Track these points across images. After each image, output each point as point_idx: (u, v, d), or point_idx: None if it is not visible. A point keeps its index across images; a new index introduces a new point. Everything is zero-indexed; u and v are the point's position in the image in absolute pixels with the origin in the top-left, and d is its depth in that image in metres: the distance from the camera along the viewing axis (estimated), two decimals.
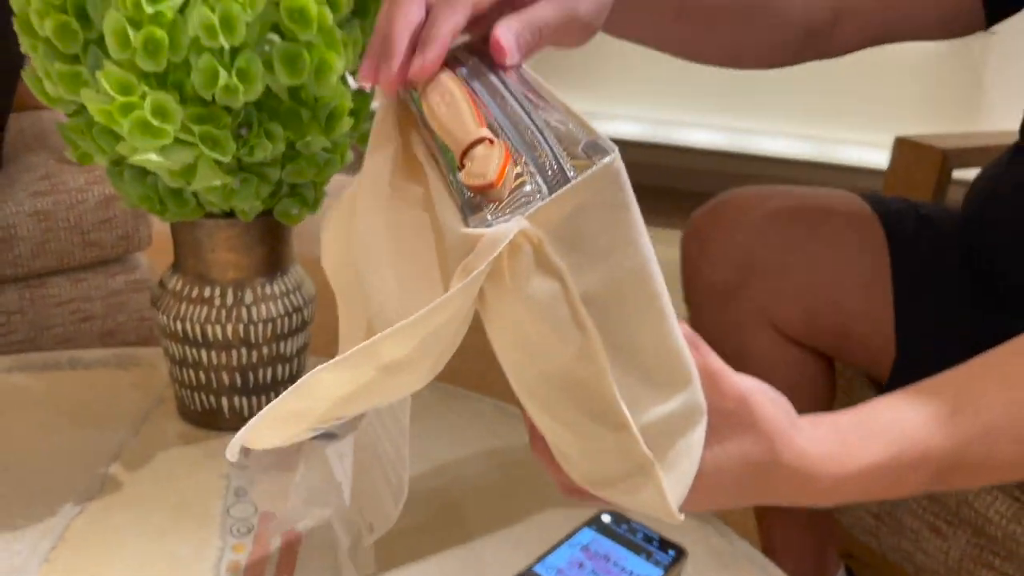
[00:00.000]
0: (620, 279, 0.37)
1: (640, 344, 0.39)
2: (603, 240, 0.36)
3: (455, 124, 0.38)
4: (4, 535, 0.59)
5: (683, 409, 0.41)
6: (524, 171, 0.36)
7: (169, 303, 0.69)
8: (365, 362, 0.35)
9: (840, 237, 0.84)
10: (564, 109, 0.39)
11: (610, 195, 0.36)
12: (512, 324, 0.37)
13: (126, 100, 0.52)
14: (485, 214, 0.35)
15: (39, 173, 1.25)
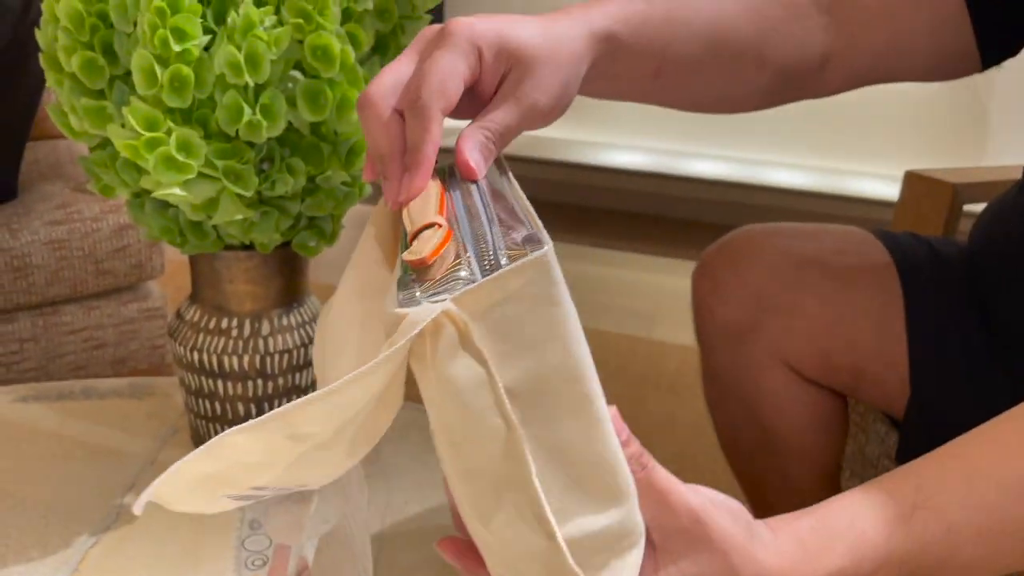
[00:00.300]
0: (547, 376, 0.36)
1: (570, 449, 0.37)
2: (530, 333, 0.36)
3: (418, 211, 0.41)
4: (18, 567, 0.59)
5: (618, 527, 0.39)
6: (463, 258, 0.36)
7: (186, 334, 0.69)
8: (277, 429, 0.35)
9: (853, 275, 0.84)
10: (520, 202, 0.40)
11: (540, 288, 0.35)
12: (438, 410, 0.37)
13: (152, 136, 0.53)
14: (415, 291, 0.36)
15: (55, 202, 1.26)
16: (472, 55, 0.46)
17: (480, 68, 0.47)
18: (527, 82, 0.47)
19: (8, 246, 1.18)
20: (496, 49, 0.47)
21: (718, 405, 0.93)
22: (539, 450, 0.37)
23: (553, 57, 0.48)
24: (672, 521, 0.41)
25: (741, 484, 0.96)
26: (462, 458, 0.37)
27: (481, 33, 0.46)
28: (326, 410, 0.35)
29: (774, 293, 0.83)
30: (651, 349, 2.02)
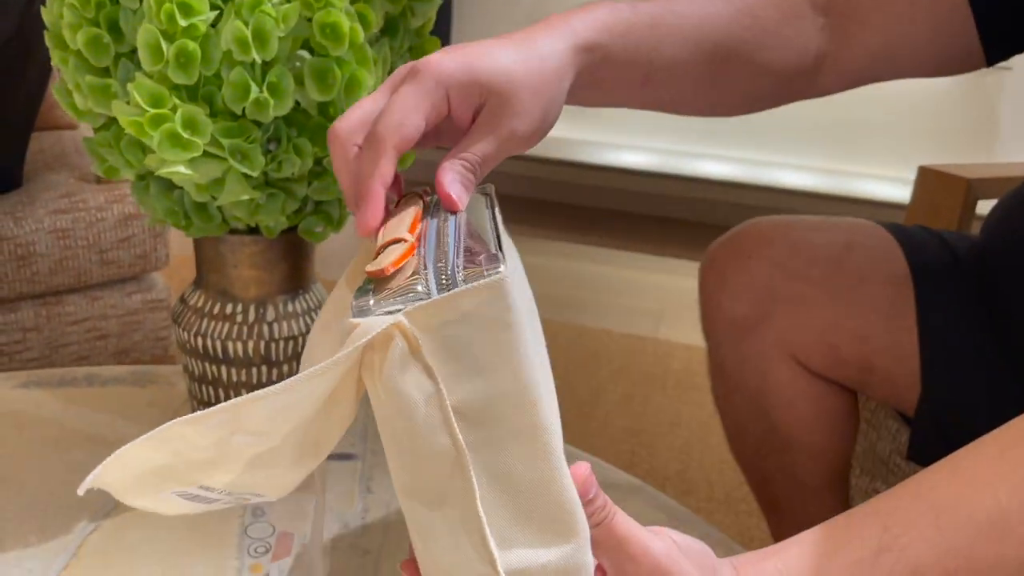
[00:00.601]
0: (495, 400, 0.36)
1: (516, 477, 0.36)
2: (481, 355, 0.35)
3: (391, 229, 0.41)
4: (16, 552, 0.58)
5: (562, 564, 0.38)
6: (421, 274, 0.36)
7: (190, 319, 0.68)
8: (223, 424, 0.35)
9: (863, 268, 0.82)
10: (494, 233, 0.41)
11: (494, 311, 0.35)
12: (385, 424, 0.36)
13: (157, 112, 0.52)
14: (369, 299, 0.36)
15: (59, 191, 1.25)
16: (437, 93, 0.46)
17: (448, 106, 0.47)
18: (504, 111, 0.47)
19: (12, 234, 1.18)
20: (464, 85, 0.46)
21: (725, 400, 0.92)
22: (485, 475, 0.36)
23: (530, 80, 0.48)
24: (633, 568, 0.40)
25: (749, 481, 0.95)
26: (408, 474, 0.37)
27: (449, 72, 0.46)
28: (273, 409, 0.35)
29: (782, 286, 0.82)
30: (656, 348, 2.01)
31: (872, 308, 0.81)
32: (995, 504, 0.41)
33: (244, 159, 0.55)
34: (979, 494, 0.41)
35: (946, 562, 0.41)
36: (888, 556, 0.41)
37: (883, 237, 0.84)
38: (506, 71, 0.47)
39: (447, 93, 0.46)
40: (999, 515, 0.40)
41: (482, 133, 0.47)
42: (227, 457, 0.36)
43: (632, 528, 0.40)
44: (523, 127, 0.48)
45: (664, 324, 2.16)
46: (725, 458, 1.57)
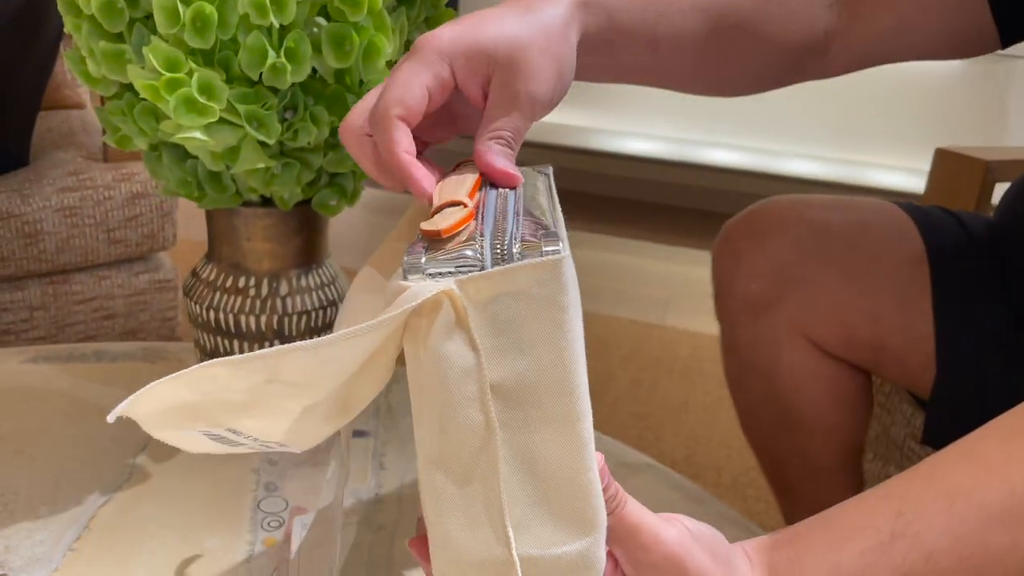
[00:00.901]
0: (535, 382, 0.35)
1: (545, 463, 0.36)
2: (529, 334, 0.35)
3: (449, 190, 0.41)
4: (27, 524, 0.58)
5: (579, 558, 0.37)
6: (476, 240, 0.35)
7: (202, 292, 0.67)
8: (259, 370, 0.34)
9: (879, 248, 0.81)
10: (553, 215, 0.40)
11: (548, 290, 0.34)
12: (421, 392, 0.36)
13: (173, 76, 0.51)
14: (420, 257, 0.35)
15: (67, 170, 1.25)
16: (438, 64, 0.45)
17: (454, 78, 0.46)
18: (517, 77, 0.46)
19: (19, 212, 1.17)
20: (467, 55, 0.46)
21: (738, 381, 0.91)
22: (513, 456, 0.36)
23: (536, 39, 0.47)
24: (644, 557, 0.40)
25: (761, 463, 0.94)
26: (435, 444, 0.36)
27: (449, 42, 0.45)
28: (312, 362, 0.34)
29: (797, 265, 0.81)
30: (664, 335, 2.00)
31: (887, 288, 0.80)
32: (1009, 490, 0.40)
33: (260, 126, 0.54)
34: (992, 480, 0.41)
35: (960, 549, 0.40)
36: (902, 543, 0.40)
37: (899, 217, 0.83)
38: (509, 35, 0.46)
39: (451, 65, 0.46)
40: (1013, 501, 0.40)
41: (501, 106, 0.46)
42: (258, 403, 0.36)
43: (644, 516, 0.40)
44: (540, 88, 0.46)
45: (671, 311, 2.16)
46: (732, 443, 1.57)
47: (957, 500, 0.41)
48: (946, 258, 0.80)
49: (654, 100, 2.81)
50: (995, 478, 0.41)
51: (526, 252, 0.34)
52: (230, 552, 0.56)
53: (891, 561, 0.40)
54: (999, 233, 0.80)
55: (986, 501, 0.40)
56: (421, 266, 0.35)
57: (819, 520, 0.43)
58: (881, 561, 0.40)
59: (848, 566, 0.41)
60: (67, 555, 0.55)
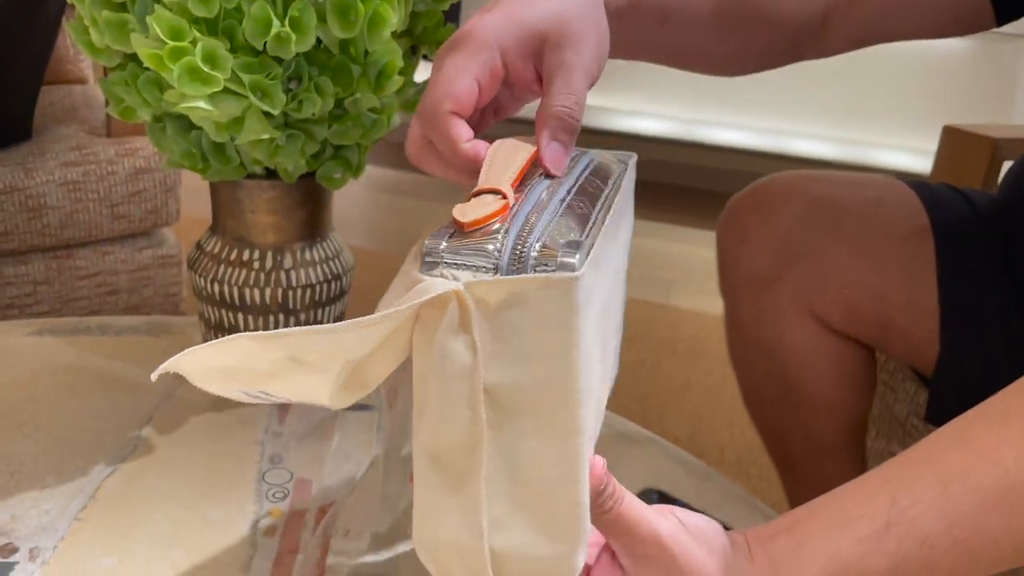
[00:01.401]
0: (532, 391, 0.35)
1: (531, 471, 0.36)
2: (530, 346, 0.34)
3: (498, 169, 0.40)
4: (33, 493, 0.58)
5: (554, 563, 0.38)
6: (501, 235, 0.35)
7: (207, 265, 0.67)
8: (279, 347, 0.35)
9: (884, 224, 0.81)
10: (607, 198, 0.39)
11: (557, 307, 0.34)
12: (422, 379, 0.36)
13: (177, 45, 0.51)
14: (440, 242, 0.35)
15: (70, 144, 1.24)
16: (486, 52, 0.45)
17: (503, 65, 0.46)
18: (567, 44, 0.46)
19: (23, 185, 1.17)
20: (518, 38, 0.45)
21: (742, 358, 0.91)
22: (500, 457, 0.36)
23: (576, 12, 0.47)
24: (641, 550, 0.40)
25: (764, 439, 0.94)
26: (427, 432, 0.37)
27: (495, 30, 0.45)
28: (326, 345, 0.35)
29: (802, 240, 0.81)
30: (668, 315, 2.00)
31: (892, 264, 0.80)
32: (1002, 473, 0.40)
33: (264, 96, 0.54)
34: (986, 463, 0.41)
35: (955, 532, 0.40)
36: (897, 529, 0.41)
37: (905, 193, 0.83)
38: (554, 11, 0.46)
39: (501, 51, 0.45)
40: (1006, 484, 0.40)
41: (562, 77, 0.45)
42: (284, 375, 0.37)
43: (641, 512, 0.40)
44: (590, 55, 0.46)
45: (675, 292, 2.16)
46: (735, 422, 1.57)
47: (951, 484, 0.41)
48: (951, 234, 0.80)
49: (660, 80, 2.80)
50: (988, 461, 0.41)
51: (541, 259, 0.34)
52: (235, 523, 0.56)
53: (887, 548, 0.41)
54: (1003, 209, 0.79)
55: (980, 485, 0.41)
56: (439, 252, 0.35)
57: (816, 507, 0.44)
58: (877, 548, 0.41)
59: (846, 554, 0.41)
60: (73, 524, 0.55)
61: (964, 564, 0.41)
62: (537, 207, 0.38)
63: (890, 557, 0.41)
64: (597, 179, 0.44)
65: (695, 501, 0.62)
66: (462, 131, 0.43)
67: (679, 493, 0.62)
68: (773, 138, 2.68)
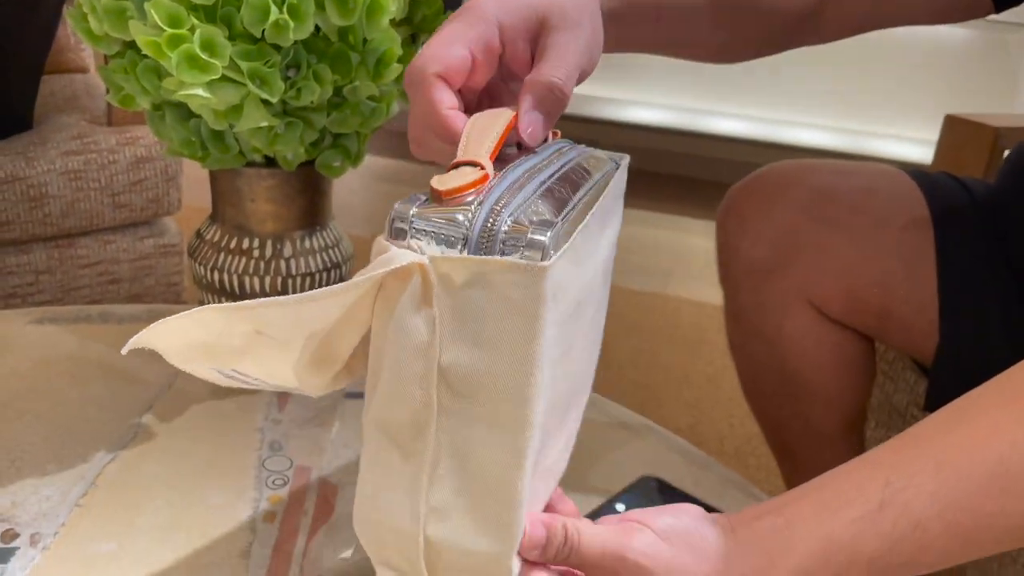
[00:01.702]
0: (485, 379, 0.34)
1: (477, 460, 0.36)
2: (491, 331, 0.34)
3: (476, 137, 0.39)
4: (34, 480, 0.58)
5: (489, 562, 0.37)
6: (474, 206, 0.34)
7: (207, 253, 0.68)
8: (244, 319, 0.35)
9: (884, 214, 0.81)
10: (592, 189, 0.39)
11: (523, 294, 0.33)
12: (378, 353, 0.36)
13: (175, 32, 0.51)
14: (411, 207, 0.34)
15: (71, 133, 1.24)
16: (483, 25, 0.44)
17: (500, 41, 0.45)
18: (564, 25, 0.45)
19: (24, 175, 1.17)
20: (517, 15, 0.45)
21: (741, 347, 0.91)
22: (448, 442, 0.35)
23: None
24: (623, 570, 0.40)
25: (763, 429, 0.95)
26: (379, 406, 0.36)
27: (496, 5, 0.44)
28: (290, 318, 0.35)
29: (802, 230, 0.81)
30: (666, 305, 2.01)
31: (892, 254, 0.80)
32: (996, 458, 0.40)
33: (263, 84, 0.54)
34: (980, 447, 0.41)
35: (948, 516, 0.40)
36: (890, 511, 0.41)
37: (905, 182, 0.82)
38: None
39: (498, 26, 0.45)
40: (1000, 469, 0.40)
41: (557, 54, 0.45)
42: (254, 350, 0.36)
43: (606, 542, 0.40)
44: (583, 40, 0.46)
45: (674, 281, 2.16)
46: (734, 412, 1.57)
47: (944, 468, 0.41)
48: (951, 224, 0.80)
49: (659, 69, 2.79)
50: (982, 446, 0.41)
51: (512, 235, 0.33)
52: (235, 509, 0.57)
53: (881, 529, 0.40)
54: (1001, 198, 0.79)
55: (973, 469, 0.40)
56: (408, 217, 0.34)
57: (807, 490, 0.43)
58: (871, 529, 0.40)
59: (838, 535, 0.41)
60: (74, 511, 0.56)
61: (958, 546, 0.41)
62: (516, 185, 0.37)
63: (883, 538, 0.40)
64: (583, 170, 0.43)
65: (694, 489, 0.62)
66: (444, 97, 0.42)
67: (678, 482, 0.63)
68: (774, 128, 2.68)
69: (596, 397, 0.76)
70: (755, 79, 2.73)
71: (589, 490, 0.61)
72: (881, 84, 2.62)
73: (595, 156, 0.46)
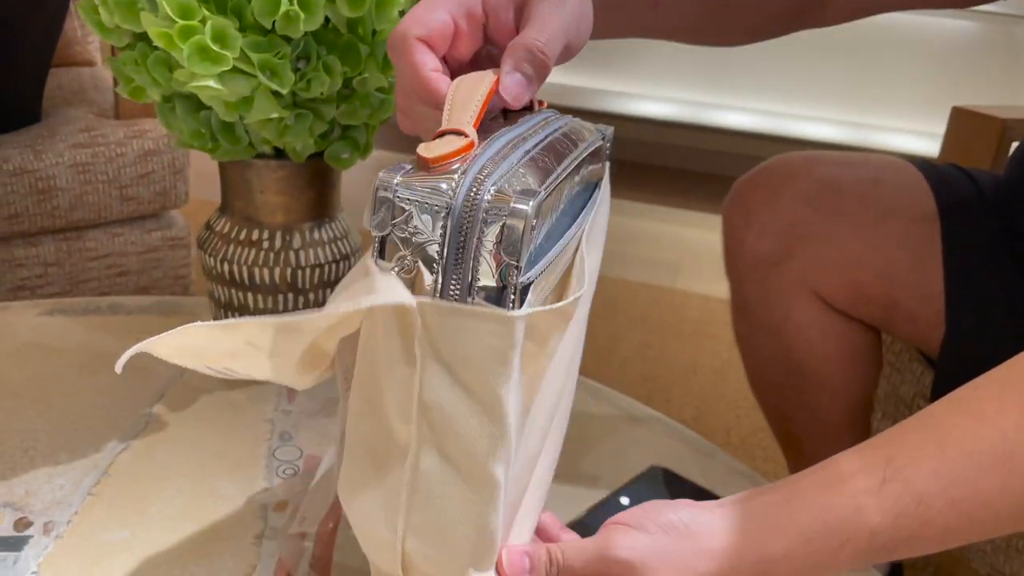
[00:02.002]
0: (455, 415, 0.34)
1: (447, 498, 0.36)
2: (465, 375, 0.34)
3: (460, 105, 0.39)
4: (47, 469, 0.59)
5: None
6: (458, 175, 0.34)
7: (216, 244, 0.68)
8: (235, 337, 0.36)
9: (891, 205, 0.81)
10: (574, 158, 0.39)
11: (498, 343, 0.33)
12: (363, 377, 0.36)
13: (186, 24, 0.51)
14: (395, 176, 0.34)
15: (79, 126, 1.25)
16: None
17: (485, 8, 0.45)
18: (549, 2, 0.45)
19: (32, 167, 1.17)
20: None
21: (747, 339, 0.91)
22: (426, 473, 0.35)
23: None
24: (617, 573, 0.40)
25: (769, 420, 0.95)
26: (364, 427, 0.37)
27: None
28: (278, 336, 0.36)
29: (808, 221, 0.81)
30: (674, 298, 2.01)
31: (898, 245, 0.80)
32: (1000, 437, 0.40)
33: (273, 75, 0.54)
34: (984, 427, 0.41)
35: (951, 493, 0.40)
36: (893, 486, 0.40)
37: (911, 174, 0.82)
38: None
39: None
40: (1004, 448, 0.40)
41: (538, 20, 0.44)
42: (244, 356, 0.37)
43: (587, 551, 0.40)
44: (568, 13, 0.45)
45: (681, 275, 2.16)
46: (741, 404, 1.57)
47: (948, 446, 0.41)
48: (957, 215, 0.80)
49: (666, 62, 2.78)
50: (987, 425, 0.41)
51: (494, 204, 0.33)
52: (246, 498, 0.57)
53: (883, 503, 0.40)
54: (1008, 190, 0.79)
55: (977, 447, 0.41)
56: (392, 186, 0.34)
57: (809, 471, 0.43)
58: (872, 503, 0.40)
59: (839, 507, 0.40)
60: (87, 499, 0.56)
61: (960, 524, 0.41)
62: (500, 155, 0.37)
63: (885, 512, 0.40)
64: (568, 140, 0.42)
65: (700, 479, 0.63)
66: (427, 59, 0.42)
67: (685, 471, 0.63)
68: (780, 121, 2.67)
69: (603, 389, 0.76)
70: (762, 73, 2.72)
71: (597, 480, 0.62)
72: (888, 77, 2.62)
73: (581, 126, 0.46)
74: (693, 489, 0.60)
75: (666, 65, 2.80)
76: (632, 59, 2.78)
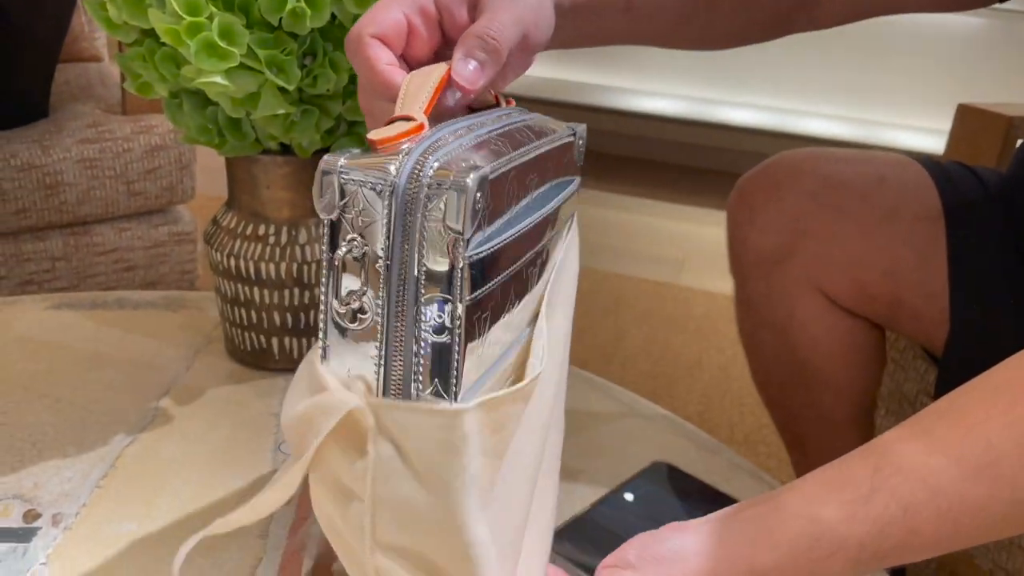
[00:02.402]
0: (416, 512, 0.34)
1: None
2: (420, 469, 0.33)
3: (412, 94, 0.39)
4: (55, 462, 0.59)
5: None
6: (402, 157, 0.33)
7: (223, 239, 0.68)
8: None
9: (895, 202, 0.81)
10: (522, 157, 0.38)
11: (448, 437, 0.33)
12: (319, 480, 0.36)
13: (193, 20, 0.51)
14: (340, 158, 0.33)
15: (86, 121, 1.25)
16: None
17: (437, 5, 0.45)
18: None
19: (40, 163, 1.18)
20: None
21: (751, 336, 0.92)
22: None
23: None
24: None
25: (773, 417, 0.95)
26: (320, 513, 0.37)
27: None
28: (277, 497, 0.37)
29: (812, 218, 0.81)
30: (678, 294, 2.01)
31: (903, 243, 0.80)
32: (986, 445, 0.40)
33: (280, 72, 0.54)
34: (970, 435, 0.41)
35: (937, 502, 0.40)
36: (881, 495, 0.41)
37: (916, 171, 0.82)
38: None
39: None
40: (990, 457, 0.40)
41: (489, 12, 0.44)
42: None
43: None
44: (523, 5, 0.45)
45: (686, 271, 2.16)
46: (745, 401, 1.58)
47: (934, 455, 0.41)
48: (962, 213, 0.79)
49: (671, 58, 2.78)
50: (972, 435, 0.41)
51: (436, 179, 0.32)
52: (252, 491, 0.58)
53: (871, 512, 0.40)
54: (1013, 187, 0.79)
55: (963, 456, 0.40)
56: (337, 168, 0.33)
57: (798, 482, 0.44)
58: (861, 512, 0.40)
59: (827, 517, 0.41)
60: (94, 492, 0.57)
61: (947, 532, 0.41)
62: (452, 136, 0.36)
63: (873, 521, 0.40)
64: (529, 131, 0.42)
65: (704, 475, 0.63)
66: (381, 54, 0.42)
67: (688, 467, 0.63)
68: (785, 118, 2.67)
69: (607, 384, 0.77)
70: (767, 69, 2.72)
71: (601, 476, 0.62)
72: (893, 74, 2.61)
73: (549, 121, 0.45)
74: (697, 485, 0.60)
75: (671, 61, 2.80)
76: (637, 55, 2.78)
